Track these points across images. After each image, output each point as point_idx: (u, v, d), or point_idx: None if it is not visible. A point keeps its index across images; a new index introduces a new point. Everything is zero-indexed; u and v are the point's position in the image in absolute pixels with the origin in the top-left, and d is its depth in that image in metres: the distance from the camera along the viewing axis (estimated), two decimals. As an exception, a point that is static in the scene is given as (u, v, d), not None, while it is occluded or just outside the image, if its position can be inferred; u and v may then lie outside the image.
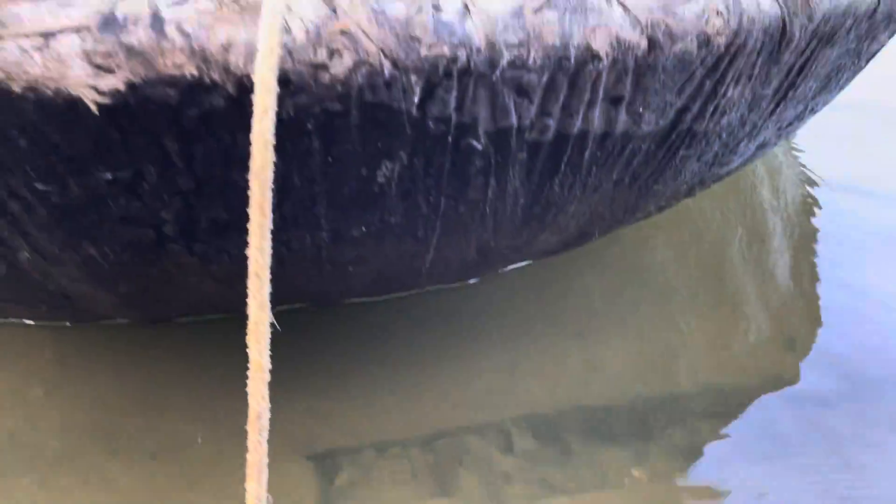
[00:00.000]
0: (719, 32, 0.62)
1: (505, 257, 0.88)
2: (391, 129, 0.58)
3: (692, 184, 0.90)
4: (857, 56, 0.87)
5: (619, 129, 0.68)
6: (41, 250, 0.60)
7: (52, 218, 0.57)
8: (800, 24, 0.68)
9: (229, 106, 0.52)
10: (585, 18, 0.57)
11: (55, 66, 0.47)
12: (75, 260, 0.62)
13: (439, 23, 0.53)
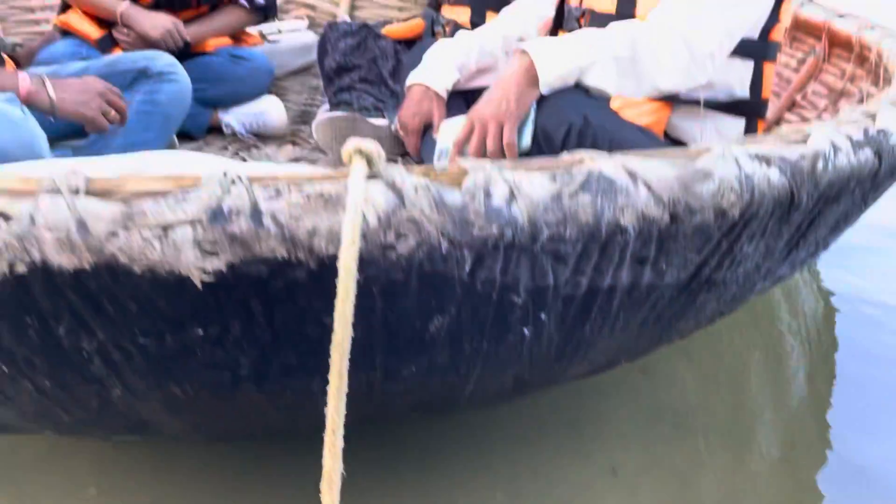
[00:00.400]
0: (733, 205, 0.71)
1: (538, 386, 0.95)
2: (444, 291, 0.66)
3: (712, 317, 0.97)
4: (864, 203, 0.96)
5: (645, 282, 0.76)
6: (132, 390, 0.69)
7: (146, 364, 0.66)
8: (807, 192, 0.76)
9: (310, 278, 0.61)
10: (615, 198, 0.66)
11: (171, 252, 0.56)
12: (160, 397, 0.70)
13: (490, 207, 0.62)
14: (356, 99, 1.98)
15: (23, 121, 1.27)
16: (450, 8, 1.98)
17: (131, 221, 0.55)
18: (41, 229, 0.54)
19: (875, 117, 0.87)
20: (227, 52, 2.01)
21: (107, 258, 0.55)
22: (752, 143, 0.76)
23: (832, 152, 0.78)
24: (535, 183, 0.64)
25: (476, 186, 0.63)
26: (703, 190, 0.69)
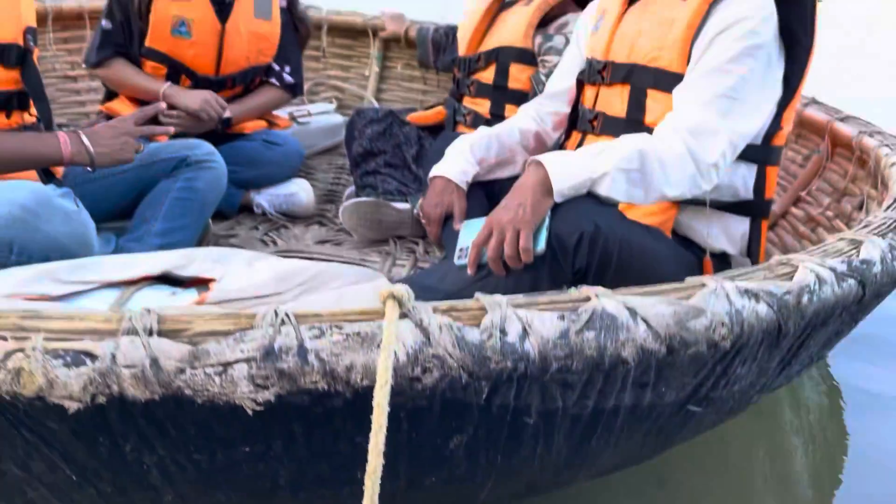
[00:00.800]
0: (724, 338, 0.79)
1: (549, 489, 1.02)
2: (463, 415, 0.75)
3: (713, 425, 1.04)
4: (854, 321, 1.04)
5: (646, 402, 0.84)
6: (183, 496, 0.77)
7: (197, 475, 0.74)
8: (793, 323, 0.84)
9: (345, 406, 0.70)
10: (616, 334, 0.75)
11: (228, 386, 0.65)
12: (206, 502, 0.78)
13: (505, 344, 0.71)
14: (381, 183, 2.10)
15: (76, 214, 1.39)
16: (471, 100, 2.10)
17: (197, 360, 0.64)
18: (120, 367, 0.63)
19: (860, 248, 0.96)
20: (262, 136, 2.15)
21: (173, 391, 0.64)
22: (742, 277, 0.84)
23: (817, 285, 0.86)
24: (546, 321, 0.73)
25: (493, 325, 0.72)
26: (697, 325, 0.78)
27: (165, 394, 0.64)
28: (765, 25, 1.39)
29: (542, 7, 1.98)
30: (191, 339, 0.66)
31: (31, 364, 0.62)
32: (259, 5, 2.10)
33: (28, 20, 1.59)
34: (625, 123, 1.54)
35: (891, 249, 0.97)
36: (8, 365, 0.62)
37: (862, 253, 0.94)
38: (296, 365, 0.66)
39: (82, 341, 0.64)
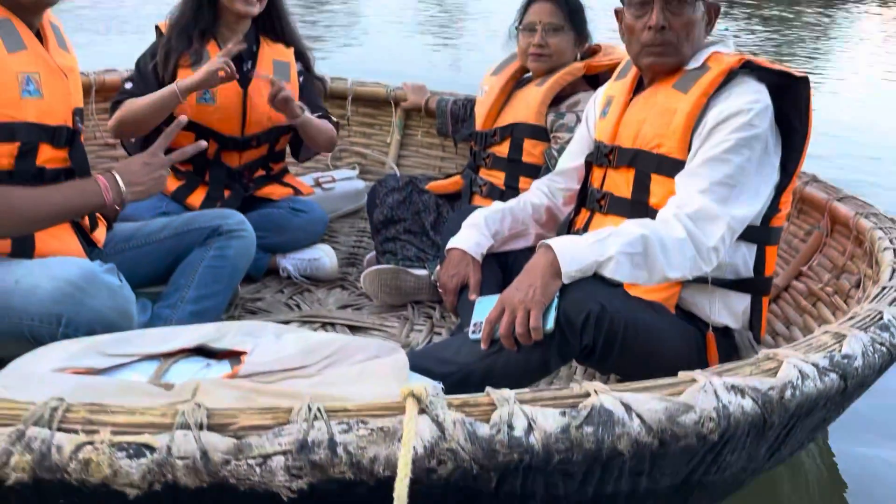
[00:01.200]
0: (712, 431, 0.88)
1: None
2: (474, 501, 0.83)
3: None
4: (840, 409, 1.11)
5: (642, 487, 0.92)
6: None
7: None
8: (778, 416, 0.92)
9: (369, 492, 0.78)
10: (613, 429, 0.83)
11: (267, 475, 0.74)
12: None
13: (512, 438, 0.80)
14: (400, 249, 2.21)
15: (119, 289, 1.50)
16: (487, 171, 2.22)
17: (241, 453, 0.74)
18: (175, 458, 0.73)
19: (843, 342, 1.04)
20: (288, 203, 2.27)
21: (220, 480, 0.74)
22: (729, 373, 0.93)
23: (800, 380, 0.94)
24: (549, 416, 0.82)
25: (502, 420, 0.81)
26: (687, 420, 0.86)
27: (213, 482, 0.74)
28: (760, 117, 1.49)
29: (554, 87, 2.11)
30: (235, 433, 0.75)
31: (99, 456, 0.72)
32: (277, 71, 2.24)
33: (76, 101, 1.73)
34: (630, 204, 1.64)
35: (872, 343, 1.06)
36: (79, 456, 0.72)
37: (844, 347, 1.03)
38: (326, 457, 0.75)
39: (143, 435, 0.73)
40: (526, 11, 2.16)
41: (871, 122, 5.28)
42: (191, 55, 2.10)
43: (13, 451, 0.72)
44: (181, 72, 2.10)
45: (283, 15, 2.28)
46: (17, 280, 1.46)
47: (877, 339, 1.07)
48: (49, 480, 0.72)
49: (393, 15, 9.41)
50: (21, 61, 1.53)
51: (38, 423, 0.74)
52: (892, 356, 1.09)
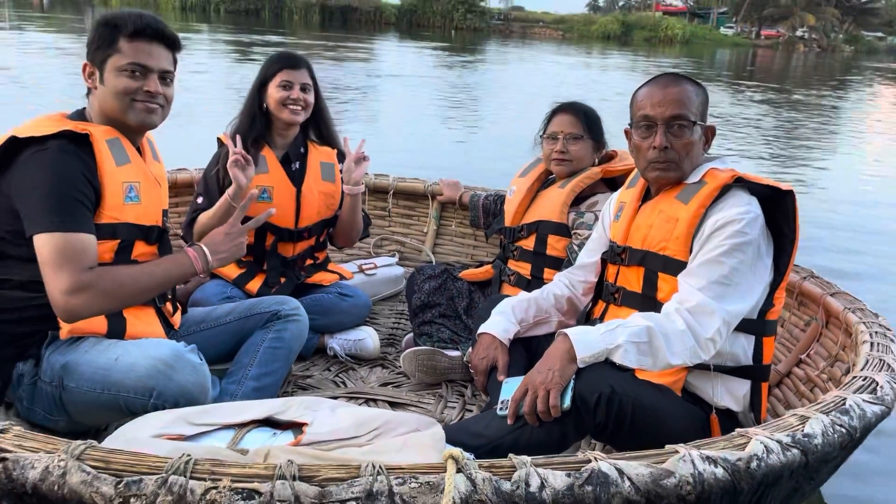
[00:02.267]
0: (689, 493, 1.12)
1: None
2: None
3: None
4: (809, 480, 1.34)
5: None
6: None
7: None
8: (745, 483, 1.16)
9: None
10: (608, 489, 1.08)
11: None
12: None
13: (528, 493, 1.06)
14: (436, 331, 2.49)
15: (200, 366, 1.79)
16: (515, 263, 2.51)
17: (324, 498, 1.01)
18: (276, 501, 1.00)
19: (805, 423, 1.28)
20: (336, 289, 2.59)
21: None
22: (706, 447, 1.18)
23: (765, 454, 1.19)
24: (557, 477, 1.08)
25: (520, 479, 1.07)
26: (668, 483, 1.11)
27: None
28: (751, 225, 1.76)
29: (575, 189, 2.41)
30: (320, 483, 1.02)
31: (221, 498, 0.99)
32: (324, 171, 2.60)
33: (165, 204, 2.08)
34: (640, 298, 1.91)
35: (832, 424, 1.29)
36: (207, 497, 0.99)
37: (806, 428, 1.27)
38: (387, 497, 1.01)
39: (252, 483, 1.01)
40: (549, 122, 2.49)
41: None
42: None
43: (159, 493, 1.00)
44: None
45: (327, 121, 2.66)
46: (116, 358, 1.76)
47: (837, 421, 1.31)
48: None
49: (409, 108, 10.01)
50: (126, 173, 1.89)
51: (175, 472, 1.02)
52: (851, 437, 1.32)
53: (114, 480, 1.01)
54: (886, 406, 1.44)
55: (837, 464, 1.43)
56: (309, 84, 2.51)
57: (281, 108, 2.46)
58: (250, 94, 2.52)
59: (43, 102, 8.01)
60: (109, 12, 1.92)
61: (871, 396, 1.43)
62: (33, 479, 1.02)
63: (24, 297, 1.83)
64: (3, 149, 1.77)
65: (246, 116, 2.52)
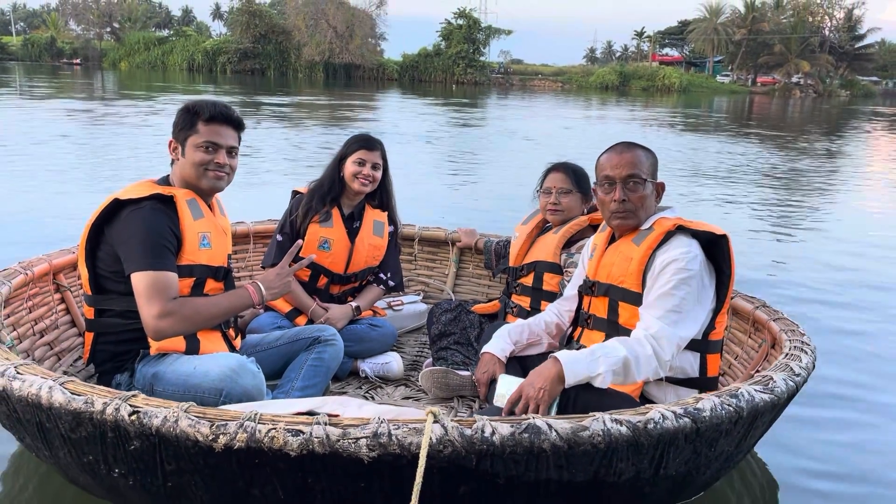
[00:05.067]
0: (601, 442, 1.66)
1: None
2: (463, 473, 1.64)
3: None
4: (711, 447, 1.86)
5: (564, 477, 1.70)
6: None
7: (340, 494, 1.66)
8: (645, 440, 1.69)
9: (406, 462, 1.61)
10: (539, 436, 1.63)
11: (357, 448, 1.59)
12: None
13: (483, 437, 1.62)
14: (451, 356, 3.06)
15: (258, 373, 2.41)
16: (517, 297, 3.09)
17: (345, 436, 1.59)
18: (314, 437, 1.58)
19: (699, 402, 1.81)
20: (368, 321, 3.20)
21: (334, 450, 1.58)
22: (617, 413, 1.72)
23: (661, 419, 1.72)
24: (504, 427, 1.63)
25: (478, 428, 1.63)
26: (584, 434, 1.65)
27: (330, 451, 1.58)
28: (692, 263, 2.30)
29: (566, 234, 3.00)
30: (343, 427, 1.60)
31: (278, 434, 1.58)
32: (375, 228, 3.25)
33: (229, 249, 2.73)
34: (607, 322, 2.46)
35: (721, 404, 1.82)
36: (269, 434, 1.58)
37: (698, 404, 1.80)
38: (386, 441, 1.59)
39: (298, 426, 1.59)
40: (544, 178, 3.10)
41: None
42: (321, 215, 3.15)
43: (238, 432, 1.59)
44: (311, 226, 3.15)
45: (389, 194, 3.35)
46: (194, 367, 2.39)
47: (725, 402, 1.84)
48: (253, 448, 1.59)
49: (419, 164, 10.79)
50: (200, 225, 2.54)
51: (250, 420, 1.61)
52: (739, 415, 1.84)
53: (209, 424, 1.61)
54: (776, 395, 1.96)
55: (741, 439, 1.95)
56: (379, 164, 3.19)
57: (353, 179, 3.14)
58: (332, 163, 3.24)
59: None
60: (191, 101, 2.61)
61: (761, 387, 1.95)
62: (156, 424, 1.63)
63: (122, 323, 2.48)
64: (108, 209, 2.45)
65: (326, 180, 3.22)
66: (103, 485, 1.86)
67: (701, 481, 2.07)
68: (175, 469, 1.69)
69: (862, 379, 3.47)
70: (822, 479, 2.58)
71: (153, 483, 1.74)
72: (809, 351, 2.32)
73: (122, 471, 1.75)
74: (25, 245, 4.97)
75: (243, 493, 1.70)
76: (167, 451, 1.66)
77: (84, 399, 1.68)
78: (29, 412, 1.79)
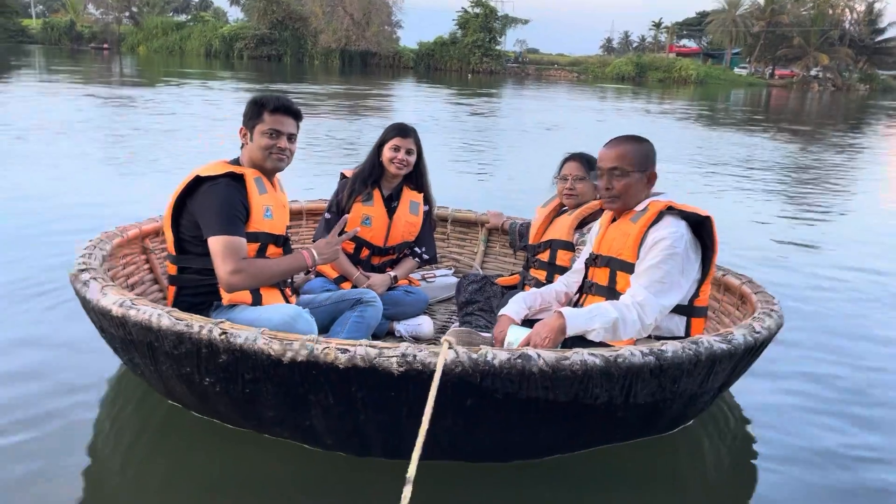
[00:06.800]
0: (578, 370, 2.19)
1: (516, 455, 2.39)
2: (470, 388, 2.19)
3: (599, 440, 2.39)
4: (674, 384, 2.37)
5: (550, 396, 2.24)
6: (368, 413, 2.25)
7: (368, 404, 2.23)
8: (615, 369, 2.22)
9: (426, 377, 2.16)
10: (530, 362, 2.17)
11: (388, 363, 2.15)
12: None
13: (486, 361, 2.16)
14: (475, 321, 3.62)
15: (311, 320, 2.99)
16: (535, 271, 3.64)
17: (379, 356, 2.15)
18: (358, 355, 2.14)
19: (665, 345, 2.32)
20: (404, 288, 3.78)
21: (373, 365, 2.14)
22: (595, 349, 2.24)
23: (630, 355, 2.25)
24: (503, 354, 2.18)
25: (482, 353, 2.18)
26: (565, 363, 2.19)
27: (370, 366, 2.15)
28: (678, 241, 2.81)
29: (579, 216, 3.52)
30: (378, 349, 2.16)
31: (330, 351, 2.15)
32: (412, 207, 3.83)
33: (287, 220, 3.33)
34: (606, 290, 2.98)
35: (682, 349, 2.34)
36: (323, 352, 2.15)
37: (663, 347, 2.31)
38: (412, 359, 2.15)
39: (346, 346, 2.16)
40: (561, 167, 3.63)
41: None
42: (363, 195, 3.74)
43: (300, 349, 2.17)
44: (355, 205, 3.73)
45: (423, 176, 3.91)
46: (259, 315, 2.98)
47: (686, 347, 2.35)
48: (312, 361, 2.16)
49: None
50: (265, 199, 3.14)
51: (309, 340, 2.18)
52: (697, 357, 2.35)
53: (278, 342, 2.19)
54: (733, 346, 2.46)
55: (703, 381, 2.46)
56: (413, 149, 3.77)
57: (390, 163, 3.73)
58: (373, 150, 3.83)
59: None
60: (258, 94, 3.21)
61: (720, 338, 2.46)
62: (239, 342, 2.21)
63: (199, 279, 3.09)
64: (191, 184, 3.06)
65: (367, 165, 3.82)
66: (195, 392, 2.47)
67: (669, 415, 2.58)
68: (252, 378, 2.27)
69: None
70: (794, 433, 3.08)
71: (234, 389, 2.33)
72: (776, 315, 2.81)
73: (211, 380, 2.35)
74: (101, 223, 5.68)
75: (303, 398, 2.28)
76: (246, 363, 2.24)
77: (185, 322, 2.28)
78: (141, 334, 2.40)
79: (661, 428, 2.70)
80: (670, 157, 11.79)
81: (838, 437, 3.05)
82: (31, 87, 19.74)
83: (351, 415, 2.29)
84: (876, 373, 3.73)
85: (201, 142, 10.91)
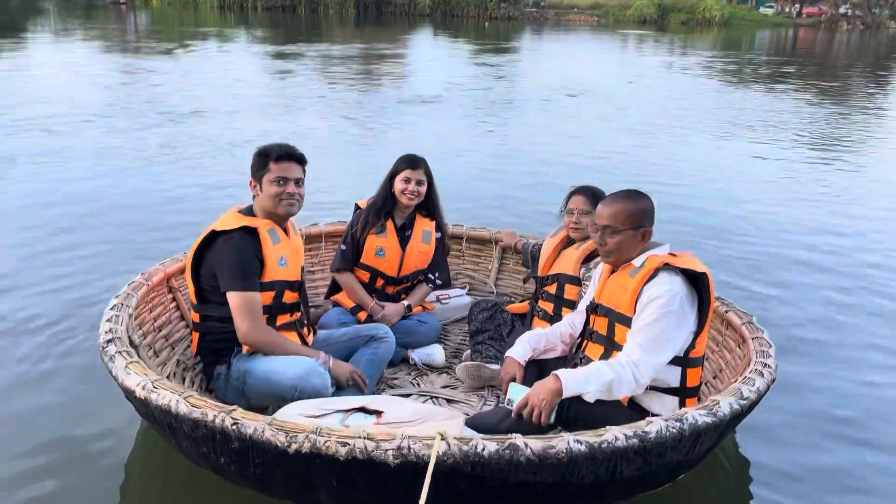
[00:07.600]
0: (562, 458, 2.36)
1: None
2: (462, 477, 2.38)
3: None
4: (660, 458, 2.52)
5: (536, 481, 2.42)
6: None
7: (368, 490, 2.44)
8: (599, 454, 2.38)
9: (419, 469, 2.36)
10: (517, 453, 2.35)
11: (386, 456, 2.35)
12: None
13: (478, 452, 2.34)
14: (485, 350, 3.79)
15: (325, 375, 3.20)
16: (543, 302, 3.77)
17: (377, 448, 2.34)
18: (356, 448, 2.34)
19: (649, 425, 2.47)
20: (417, 317, 3.96)
21: (371, 457, 2.34)
22: (580, 435, 2.40)
23: (614, 439, 2.40)
24: (492, 444, 2.35)
25: (473, 445, 2.35)
26: (551, 451, 2.35)
27: (368, 458, 2.34)
28: (673, 299, 2.91)
29: (585, 250, 3.63)
30: (376, 441, 2.35)
31: (331, 443, 2.35)
32: (424, 237, 3.97)
33: (301, 264, 3.50)
34: (606, 339, 3.12)
35: (666, 427, 2.48)
36: (325, 444, 2.35)
37: (647, 427, 2.46)
38: (406, 451, 2.34)
39: (345, 439, 2.35)
40: (567, 201, 3.71)
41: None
42: (377, 227, 3.89)
43: (305, 442, 2.37)
44: (369, 237, 3.89)
45: (435, 204, 4.04)
46: (275, 368, 3.20)
47: (671, 425, 2.49)
48: (314, 452, 2.37)
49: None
50: (278, 248, 3.32)
51: (312, 433, 2.38)
52: (682, 434, 2.49)
53: (284, 434, 2.40)
54: (718, 419, 2.59)
55: (688, 451, 2.61)
56: (423, 180, 3.90)
57: (402, 195, 3.86)
58: (384, 181, 3.97)
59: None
60: (263, 146, 3.34)
61: (705, 412, 2.59)
62: (249, 432, 2.43)
63: (220, 326, 3.31)
64: (208, 237, 3.24)
65: (380, 197, 3.98)
66: (213, 466, 2.71)
67: (657, 481, 2.75)
68: (261, 462, 2.50)
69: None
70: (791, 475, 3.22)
71: (247, 470, 2.56)
72: (767, 373, 2.92)
73: (226, 460, 2.58)
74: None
75: (308, 482, 2.51)
76: (256, 450, 2.46)
77: (201, 411, 2.50)
78: (162, 415, 2.63)
79: (648, 489, 2.87)
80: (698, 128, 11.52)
81: (836, 459, 3.19)
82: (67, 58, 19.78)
83: (354, 495, 2.51)
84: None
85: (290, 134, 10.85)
